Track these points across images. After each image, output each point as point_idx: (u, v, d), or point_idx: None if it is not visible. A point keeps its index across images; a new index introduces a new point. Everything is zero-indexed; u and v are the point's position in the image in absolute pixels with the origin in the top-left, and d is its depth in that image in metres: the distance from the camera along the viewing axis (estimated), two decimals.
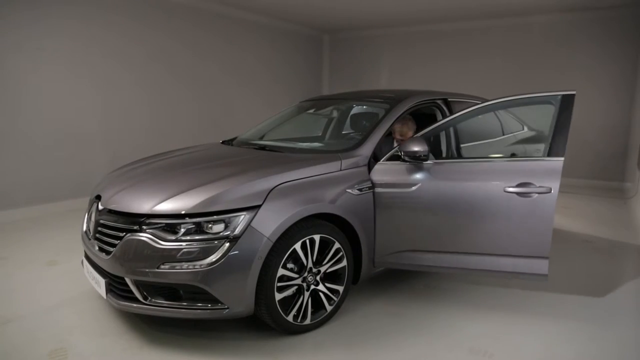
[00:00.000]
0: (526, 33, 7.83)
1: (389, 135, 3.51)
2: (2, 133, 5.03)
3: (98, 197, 2.87)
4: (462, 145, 3.67)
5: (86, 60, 5.69)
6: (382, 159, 3.11)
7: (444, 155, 3.50)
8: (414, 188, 3.01)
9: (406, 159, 3.01)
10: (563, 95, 2.97)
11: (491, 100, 3.15)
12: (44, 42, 5.25)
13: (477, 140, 3.92)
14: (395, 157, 3.08)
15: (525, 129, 4.71)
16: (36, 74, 5.23)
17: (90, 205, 2.98)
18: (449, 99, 3.84)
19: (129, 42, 6.16)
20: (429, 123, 3.25)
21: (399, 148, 3.05)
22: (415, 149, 2.94)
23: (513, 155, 4.17)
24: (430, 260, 3.09)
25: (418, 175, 3.02)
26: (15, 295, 3.27)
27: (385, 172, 3.06)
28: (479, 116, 4.23)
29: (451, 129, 3.56)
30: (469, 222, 2.99)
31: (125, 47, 6.12)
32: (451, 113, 3.77)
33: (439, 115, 3.76)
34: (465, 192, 2.98)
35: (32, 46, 5.14)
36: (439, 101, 3.76)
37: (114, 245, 2.55)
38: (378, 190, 3.01)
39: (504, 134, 4.30)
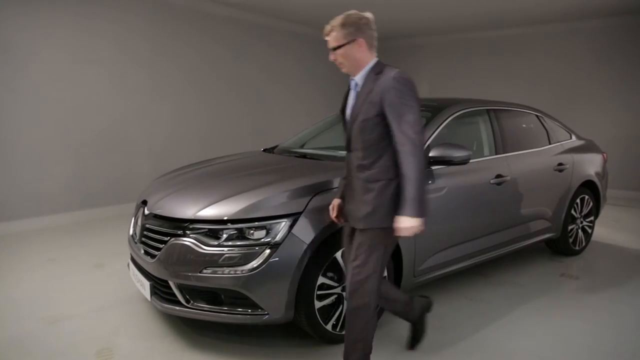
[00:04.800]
0: (570, 40, 7.58)
1: None
2: (56, 140, 5.28)
3: (144, 202, 2.96)
4: (503, 155, 3.59)
5: (134, 67, 5.91)
6: None
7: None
8: (444, 191, 3.08)
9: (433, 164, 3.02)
10: None
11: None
12: (92, 48, 5.48)
13: (522, 149, 3.82)
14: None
15: (574, 137, 4.55)
16: (84, 80, 5.43)
17: (137, 210, 3.08)
18: (494, 108, 3.76)
19: (177, 49, 6.37)
20: (473, 132, 3.19)
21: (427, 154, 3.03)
22: (437, 154, 2.94)
23: (560, 165, 4.05)
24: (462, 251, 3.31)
25: (446, 179, 3.09)
26: (63, 296, 3.40)
27: None
28: (524, 125, 4.14)
29: (492, 136, 3.59)
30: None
31: (173, 54, 6.33)
32: (496, 122, 3.70)
33: (483, 125, 3.68)
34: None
35: (81, 53, 5.39)
36: (483, 110, 3.68)
37: (158, 249, 2.62)
38: None
39: (550, 143, 4.18)
